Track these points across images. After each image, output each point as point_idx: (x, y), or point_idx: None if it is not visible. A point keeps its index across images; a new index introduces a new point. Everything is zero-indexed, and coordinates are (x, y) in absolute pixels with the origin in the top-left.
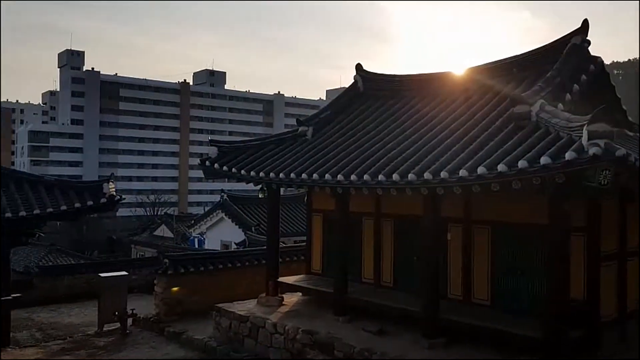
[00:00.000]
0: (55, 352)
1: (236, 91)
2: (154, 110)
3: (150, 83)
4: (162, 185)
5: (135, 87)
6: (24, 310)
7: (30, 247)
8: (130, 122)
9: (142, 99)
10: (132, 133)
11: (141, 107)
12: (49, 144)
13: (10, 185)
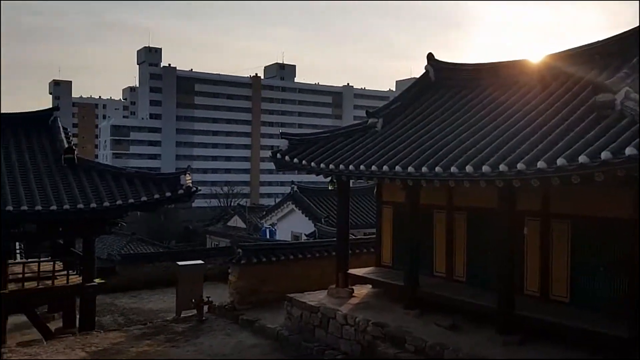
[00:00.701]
0: (136, 337)
1: (305, 84)
2: (227, 104)
3: (223, 78)
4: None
5: (209, 82)
6: (108, 295)
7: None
8: (204, 116)
9: (216, 93)
10: (206, 127)
11: (215, 102)
12: (130, 137)
13: (94, 177)
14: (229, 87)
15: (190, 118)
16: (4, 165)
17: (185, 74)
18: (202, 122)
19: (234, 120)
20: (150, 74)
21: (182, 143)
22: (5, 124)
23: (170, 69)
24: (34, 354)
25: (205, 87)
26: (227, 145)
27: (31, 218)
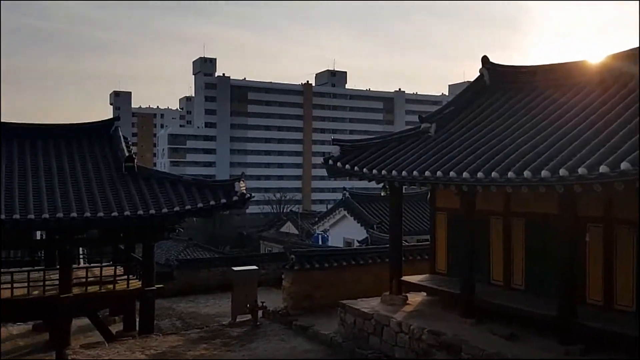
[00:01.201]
0: (194, 340)
1: (357, 90)
2: (279, 111)
3: (275, 86)
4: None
5: (262, 90)
6: (166, 300)
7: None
8: (257, 123)
9: (268, 101)
10: (259, 134)
11: (267, 109)
12: (186, 145)
13: (153, 184)
14: (281, 95)
15: (243, 126)
16: (69, 174)
17: (239, 83)
18: (255, 129)
19: (286, 128)
20: (205, 83)
21: (236, 150)
22: (70, 134)
23: (225, 79)
24: (96, 356)
25: (258, 95)
26: (279, 152)
27: (94, 224)
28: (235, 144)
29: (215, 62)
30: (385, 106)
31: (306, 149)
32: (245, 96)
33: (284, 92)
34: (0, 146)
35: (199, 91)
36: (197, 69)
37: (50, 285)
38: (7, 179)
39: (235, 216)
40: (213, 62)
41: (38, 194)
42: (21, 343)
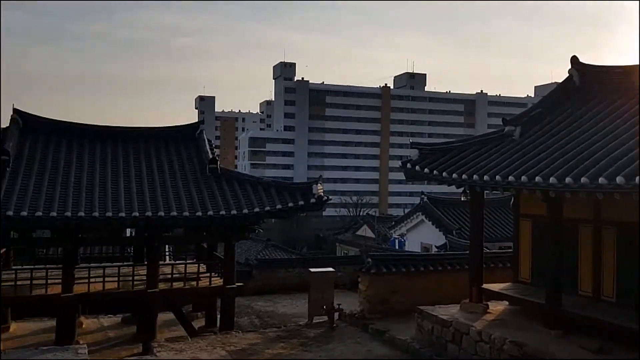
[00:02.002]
0: (272, 339)
1: (436, 92)
2: (357, 115)
3: (353, 89)
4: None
5: (340, 94)
6: (245, 298)
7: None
8: (335, 127)
9: (346, 104)
10: (336, 137)
11: (345, 113)
12: (266, 148)
13: (235, 186)
14: (358, 98)
15: (321, 129)
16: (158, 175)
17: (317, 87)
18: (333, 133)
19: (363, 131)
20: (284, 87)
21: (313, 153)
22: (158, 137)
23: (303, 83)
24: (180, 350)
25: (336, 98)
26: (356, 156)
27: (179, 223)
28: (312, 147)
29: (294, 66)
30: (467, 109)
31: (383, 152)
32: (323, 99)
33: (362, 95)
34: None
35: (279, 95)
36: (277, 73)
37: (139, 280)
38: (101, 179)
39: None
40: (292, 66)
41: (129, 194)
42: (111, 334)
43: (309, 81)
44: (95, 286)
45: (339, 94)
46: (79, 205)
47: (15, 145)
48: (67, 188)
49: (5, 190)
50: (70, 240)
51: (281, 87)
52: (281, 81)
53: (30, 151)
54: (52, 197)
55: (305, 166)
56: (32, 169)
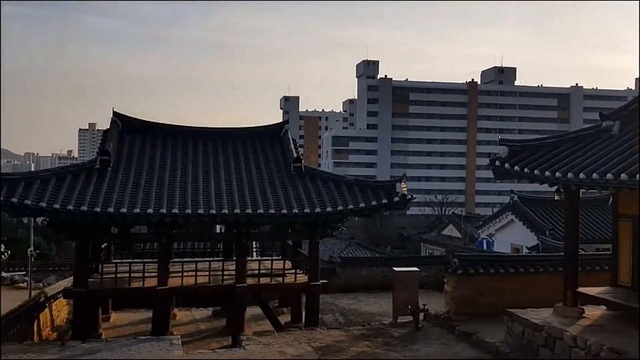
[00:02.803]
0: (356, 337)
1: (527, 87)
2: (442, 111)
3: (437, 85)
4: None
5: (424, 91)
6: (329, 295)
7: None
8: (419, 124)
9: (430, 101)
10: (420, 135)
11: (429, 110)
12: (349, 147)
13: (319, 184)
14: (443, 95)
15: (404, 127)
16: (245, 173)
17: (401, 84)
18: (417, 130)
19: (448, 128)
20: (367, 85)
21: (396, 152)
22: (245, 137)
23: (386, 80)
24: (267, 343)
25: (420, 95)
26: (441, 154)
27: (266, 220)
28: (396, 145)
29: (377, 64)
30: (560, 103)
31: (470, 149)
32: (407, 97)
33: (447, 91)
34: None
35: (362, 93)
36: (360, 71)
37: (228, 275)
38: (193, 178)
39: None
40: (375, 64)
41: (219, 192)
42: (202, 326)
43: (392, 79)
44: (188, 280)
45: (423, 90)
46: (173, 203)
47: (115, 146)
48: (162, 186)
49: (107, 189)
50: (165, 236)
51: (364, 85)
52: (364, 79)
53: (128, 151)
54: (149, 194)
55: (389, 164)
56: (130, 168)
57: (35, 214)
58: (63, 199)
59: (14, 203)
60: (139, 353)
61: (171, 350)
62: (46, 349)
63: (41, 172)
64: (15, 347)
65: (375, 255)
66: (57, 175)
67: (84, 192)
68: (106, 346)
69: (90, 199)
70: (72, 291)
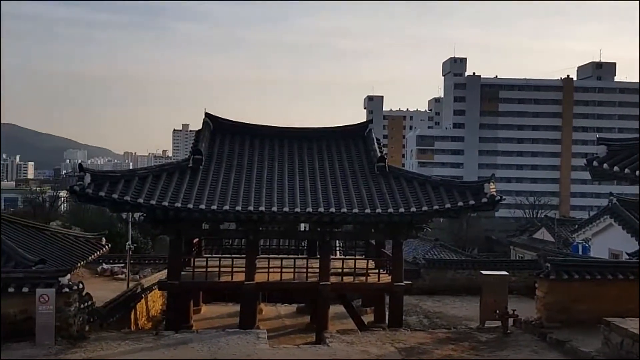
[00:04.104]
0: (441, 340)
1: (628, 82)
2: (534, 109)
3: (529, 82)
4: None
5: (515, 88)
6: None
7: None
8: (509, 123)
9: (521, 99)
10: (510, 134)
11: (520, 108)
12: (434, 147)
13: (403, 184)
14: (536, 92)
15: (493, 126)
16: (329, 172)
17: (489, 81)
18: (506, 129)
19: (541, 127)
20: (454, 83)
21: (484, 151)
22: (329, 137)
23: (475, 78)
24: (350, 342)
25: (510, 93)
26: (533, 154)
27: (349, 219)
28: (484, 144)
29: (465, 61)
30: None
31: (565, 149)
32: (496, 95)
33: (540, 88)
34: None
35: (448, 92)
36: (447, 69)
37: (312, 273)
38: (279, 177)
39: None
40: (463, 61)
41: (303, 190)
42: (287, 322)
43: (480, 76)
44: (273, 276)
45: (513, 88)
46: (259, 201)
47: (206, 146)
48: (250, 184)
49: (199, 186)
50: (252, 233)
51: (451, 84)
52: (451, 77)
53: (219, 151)
54: (237, 192)
55: (476, 164)
56: (220, 167)
57: (133, 209)
58: (159, 196)
59: (114, 199)
60: (228, 345)
61: (257, 344)
62: (142, 338)
63: (139, 170)
64: (114, 335)
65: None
66: (153, 173)
67: (177, 189)
68: (197, 337)
69: (184, 196)
70: (166, 283)
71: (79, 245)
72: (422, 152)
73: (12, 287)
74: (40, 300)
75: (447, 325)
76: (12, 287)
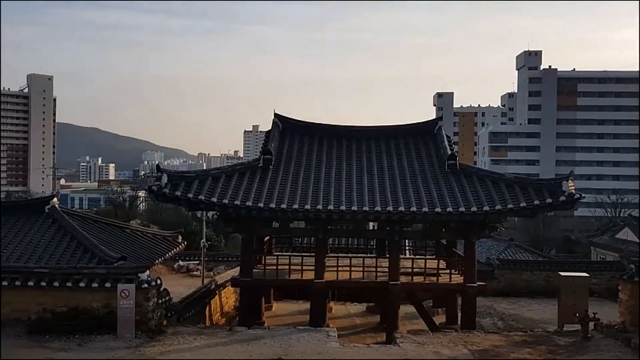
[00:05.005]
0: (517, 343)
1: None
2: (615, 103)
3: (609, 74)
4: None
5: (594, 81)
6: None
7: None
8: (588, 117)
9: (602, 92)
10: (590, 129)
11: (600, 101)
12: (507, 143)
13: (474, 182)
14: (617, 85)
15: (571, 121)
16: (397, 171)
17: (567, 75)
18: (586, 124)
19: (623, 121)
20: (529, 77)
21: (562, 147)
22: (397, 134)
23: (551, 71)
24: (422, 343)
25: (589, 86)
26: (615, 149)
27: (418, 218)
28: (561, 140)
29: (540, 54)
30: None
31: None
32: (574, 88)
33: (622, 80)
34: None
35: (522, 86)
36: (521, 63)
37: (381, 272)
38: (347, 175)
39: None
40: (538, 54)
41: (372, 189)
42: (357, 321)
43: (556, 69)
44: (342, 275)
45: (593, 80)
46: (328, 199)
47: (276, 146)
48: (318, 183)
49: (269, 185)
50: (321, 231)
51: (525, 78)
52: (525, 71)
53: (288, 151)
54: (306, 191)
55: (553, 161)
56: (289, 166)
57: (207, 208)
58: (231, 195)
59: (189, 198)
60: (299, 342)
61: (328, 342)
62: (216, 333)
63: (212, 170)
64: (190, 329)
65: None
66: (225, 173)
67: (249, 188)
68: (269, 333)
69: (255, 195)
70: (238, 280)
71: (157, 243)
72: (494, 149)
73: (96, 282)
74: (121, 295)
75: (523, 328)
76: (96, 282)
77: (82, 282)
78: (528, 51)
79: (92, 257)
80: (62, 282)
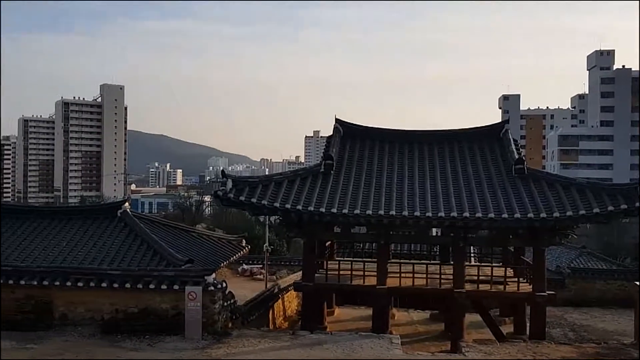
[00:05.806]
0: (589, 355)
1: None
2: None
3: None
4: None
5: None
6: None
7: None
8: None
9: None
10: None
11: None
12: (578, 147)
13: (543, 187)
14: None
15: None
16: (462, 175)
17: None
18: None
19: None
20: (601, 78)
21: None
22: (462, 138)
23: (624, 71)
24: (489, 353)
25: None
26: None
27: (484, 225)
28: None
29: (612, 54)
30: None
31: None
32: None
33: None
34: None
35: (594, 87)
36: (592, 63)
37: (445, 279)
38: (409, 180)
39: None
40: (610, 54)
41: (435, 194)
42: (420, 329)
43: (630, 69)
44: (405, 281)
45: None
46: (390, 205)
47: (337, 151)
48: (380, 188)
49: (330, 190)
50: (383, 237)
51: (596, 78)
52: (596, 72)
53: (349, 156)
54: (368, 196)
55: (628, 165)
56: (351, 171)
57: (270, 212)
58: (293, 200)
59: (253, 203)
60: (362, 348)
61: (391, 349)
62: (280, 337)
63: (275, 175)
64: (254, 332)
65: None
66: (288, 179)
67: (310, 193)
68: (331, 338)
69: (316, 200)
70: (301, 284)
71: (222, 247)
72: (564, 153)
73: (164, 284)
74: (189, 297)
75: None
76: (164, 284)
77: (152, 283)
78: (600, 51)
79: (161, 260)
80: (133, 284)
